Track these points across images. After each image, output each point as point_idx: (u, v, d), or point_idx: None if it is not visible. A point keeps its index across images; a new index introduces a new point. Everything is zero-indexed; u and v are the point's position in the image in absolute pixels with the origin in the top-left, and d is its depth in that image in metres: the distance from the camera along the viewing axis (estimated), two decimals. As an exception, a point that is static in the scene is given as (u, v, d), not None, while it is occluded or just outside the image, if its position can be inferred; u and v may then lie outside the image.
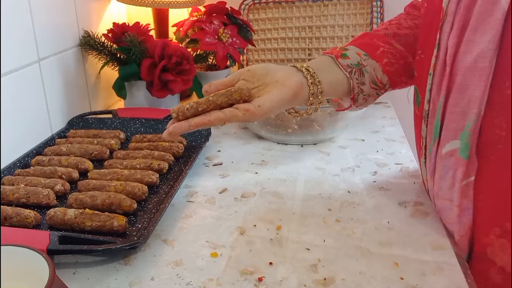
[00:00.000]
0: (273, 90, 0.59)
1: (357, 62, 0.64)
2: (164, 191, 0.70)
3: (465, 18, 0.51)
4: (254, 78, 0.61)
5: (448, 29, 0.54)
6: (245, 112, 0.57)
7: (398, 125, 0.98)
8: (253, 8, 1.21)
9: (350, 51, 0.65)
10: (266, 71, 0.61)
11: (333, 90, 0.64)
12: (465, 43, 0.51)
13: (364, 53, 0.65)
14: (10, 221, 0.60)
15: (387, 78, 0.66)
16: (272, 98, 0.58)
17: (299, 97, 0.61)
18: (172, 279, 0.53)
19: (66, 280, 0.49)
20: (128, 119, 0.92)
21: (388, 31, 0.68)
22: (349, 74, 0.64)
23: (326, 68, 0.64)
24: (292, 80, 0.60)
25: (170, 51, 0.93)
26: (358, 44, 0.67)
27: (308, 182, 0.75)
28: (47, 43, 0.86)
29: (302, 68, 0.62)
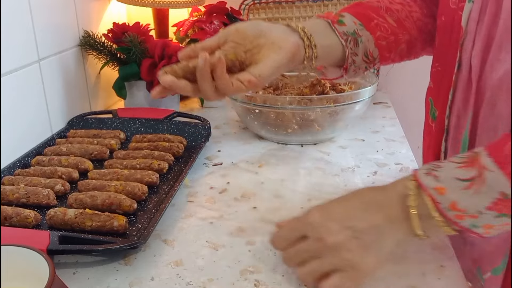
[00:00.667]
0: (270, 54, 0.54)
1: (353, 31, 0.62)
2: (164, 191, 0.70)
3: (488, 37, 0.51)
4: (246, 40, 0.55)
5: (469, 48, 0.53)
6: (248, 84, 0.53)
7: (398, 125, 0.98)
8: (253, 8, 1.21)
9: (346, 18, 0.62)
10: (259, 32, 0.56)
11: (326, 56, 0.61)
12: (490, 61, 0.51)
13: (360, 23, 0.62)
14: (10, 221, 0.60)
15: (378, 52, 0.63)
16: (271, 64, 0.54)
17: (296, 59, 0.57)
18: (172, 279, 0.53)
19: (66, 280, 0.49)
20: (128, 119, 0.92)
21: (380, 4, 0.65)
22: (345, 42, 0.61)
23: (322, 32, 0.60)
24: (288, 42, 0.56)
25: (170, 51, 0.93)
26: (354, 13, 0.64)
27: (308, 182, 0.75)
28: (47, 43, 0.86)
29: (298, 28, 0.58)
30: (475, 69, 0.53)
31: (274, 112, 0.86)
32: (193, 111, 1.09)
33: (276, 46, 0.55)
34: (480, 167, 0.44)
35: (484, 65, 0.52)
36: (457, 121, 0.58)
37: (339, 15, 0.63)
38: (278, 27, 0.57)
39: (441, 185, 0.45)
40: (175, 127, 0.89)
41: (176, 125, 0.89)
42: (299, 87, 1.00)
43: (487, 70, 0.52)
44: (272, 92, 1.00)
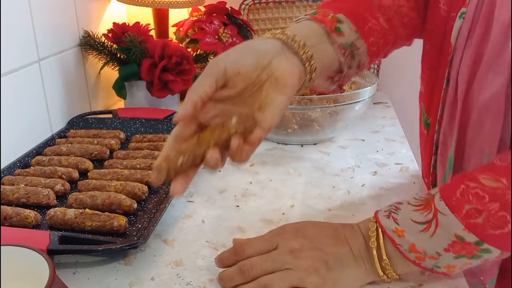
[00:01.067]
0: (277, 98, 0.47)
1: (351, 43, 0.55)
2: (164, 191, 0.70)
3: (476, 56, 0.50)
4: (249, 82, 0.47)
5: (457, 64, 0.52)
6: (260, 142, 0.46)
7: (398, 125, 0.98)
8: (253, 8, 1.21)
9: (344, 25, 0.55)
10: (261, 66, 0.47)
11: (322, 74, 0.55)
12: (478, 81, 0.50)
13: (356, 29, 0.56)
14: (10, 221, 0.60)
15: (369, 60, 0.58)
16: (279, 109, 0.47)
17: None
18: (172, 279, 0.53)
19: (66, 280, 0.49)
20: (128, 119, 0.92)
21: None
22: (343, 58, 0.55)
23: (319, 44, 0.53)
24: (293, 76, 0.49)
25: (170, 51, 0.93)
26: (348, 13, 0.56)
27: (308, 182, 0.75)
28: (47, 43, 0.86)
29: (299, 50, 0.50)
30: (462, 86, 0.51)
31: (274, 112, 0.86)
32: (193, 111, 1.09)
33: (281, 84, 0.47)
34: (435, 210, 0.45)
35: (471, 84, 0.51)
36: (444, 138, 0.57)
37: (336, 19, 0.55)
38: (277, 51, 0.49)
39: (400, 228, 0.47)
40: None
41: (176, 125, 0.89)
42: (299, 87, 1.00)
43: (474, 90, 0.50)
44: (272, 92, 1.00)
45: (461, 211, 0.44)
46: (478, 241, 0.43)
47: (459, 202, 0.44)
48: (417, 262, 0.47)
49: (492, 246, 0.43)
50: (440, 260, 0.46)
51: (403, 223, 0.47)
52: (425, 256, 0.46)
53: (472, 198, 0.43)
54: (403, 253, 0.47)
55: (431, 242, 0.45)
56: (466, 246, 0.44)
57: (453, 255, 0.45)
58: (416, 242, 0.46)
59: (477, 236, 0.43)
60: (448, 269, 0.47)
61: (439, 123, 0.57)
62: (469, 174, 0.45)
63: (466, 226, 0.43)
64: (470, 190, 0.44)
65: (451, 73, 0.54)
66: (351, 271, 0.50)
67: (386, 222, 0.48)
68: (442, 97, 0.56)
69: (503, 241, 0.43)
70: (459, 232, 0.44)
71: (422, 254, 0.46)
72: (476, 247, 0.44)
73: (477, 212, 0.43)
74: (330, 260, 0.50)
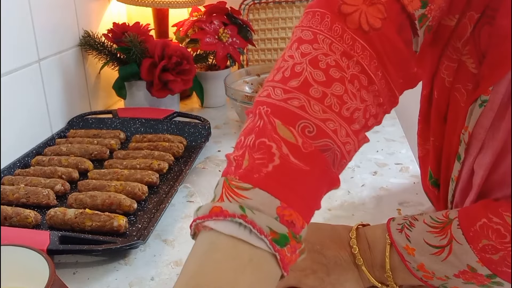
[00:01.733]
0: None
1: None
2: (164, 191, 0.70)
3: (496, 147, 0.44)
4: None
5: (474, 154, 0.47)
6: None
7: (398, 125, 0.98)
8: (253, 8, 1.21)
9: None
10: None
11: None
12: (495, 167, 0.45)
13: None
14: (10, 221, 0.60)
15: None
16: None
17: None
18: (172, 279, 0.53)
19: (66, 280, 0.49)
20: (128, 119, 0.92)
21: None
22: None
23: None
24: None
25: (170, 51, 0.93)
26: None
27: (308, 182, 0.74)
28: (47, 43, 0.86)
29: None
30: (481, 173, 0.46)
31: (274, 112, 0.85)
32: (193, 111, 1.09)
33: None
34: (450, 236, 0.44)
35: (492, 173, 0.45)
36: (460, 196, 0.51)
37: None
38: None
39: (411, 246, 0.46)
40: (175, 127, 0.89)
41: (176, 125, 0.89)
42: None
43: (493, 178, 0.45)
44: (272, 92, 1.00)
45: (477, 244, 0.42)
46: (490, 274, 0.42)
47: (477, 235, 0.42)
48: (424, 280, 0.46)
49: (504, 280, 0.42)
50: (449, 282, 0.45)
51: (415, 242, 0.46)
52: (433, 276, 0.45)
53: (492, 235, 0.41)
54: (411, 270, 0.46)
55: (442, 266, 0.44)
56: (477, 276, 0.43)
57: (462, 281, 0.44)
58: (425, 262, 0.45)
59: (491, 270, 0.42)
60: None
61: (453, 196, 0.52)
62: (492, 206, 0.42)
63: (481, 259, 0.42)
64: (491, 225, 0.41)
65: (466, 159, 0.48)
66: (351, 276, 0.49)
67: (398, 237, 0.47)
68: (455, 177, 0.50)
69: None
70: (472, 264, 0.42)
71: (430, 274, 0.45)
72: (488, 279, 0.43)
73: (495, 249, 0.41)
74: (330, 264, 0.49)
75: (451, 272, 0.44)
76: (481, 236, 0.42)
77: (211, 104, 1.11)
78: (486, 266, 0.42)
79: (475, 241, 0.42)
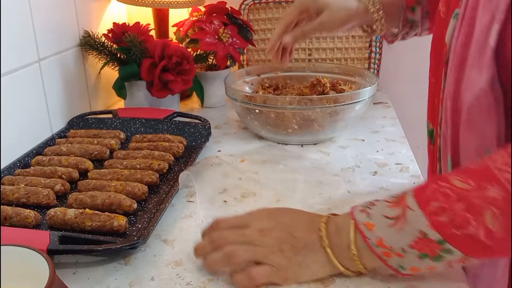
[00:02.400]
0: None
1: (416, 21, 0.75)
2: (164, 191, 0.70)
3: (462, 55, 0.51)
4: None
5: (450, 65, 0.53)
6: None
7: (398, 125, 0.98)
8: (253, 8, 1.21)
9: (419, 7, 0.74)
10: None
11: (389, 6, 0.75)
12: (465, 80, 0.50)
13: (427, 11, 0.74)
14: (10, 221, 0.60)
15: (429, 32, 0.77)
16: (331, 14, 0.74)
17: None
18: (172, 279, 0.53)
19: (66, 280, 0.49)
20: (128, 119, 0.92)
21: None
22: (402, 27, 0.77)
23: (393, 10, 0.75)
24: None
25: (170, 51, 0.93)
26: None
27: (308, 182, 0.75)
28: (47, 43, 0.86)
29: None
30: (450, 87, 0.52)
31: (274, 112, 0.86)
32: (193, 111, 1.09)
33: None
34: (405, 206, 0.46)
35: (459, 83, 0.51)
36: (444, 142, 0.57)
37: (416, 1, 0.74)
38: None
39: (370, 222, 0.48)
40: (175, 127, 0.89)
41: (176, 125, 0.89)
42: (299, 87, 1.00)
43: (462, 89, 0.51)
44: (272, 92, 1.00)
45: (428, 208, 0.45)
46: (441, 239, 0.44)
47: (428, 199, 0.45)
48: (383, 258, 0.48)
49: (453, 247, 0.44)
50: (405, 259, 0.47)
51: (374, 217, 0.48)
52: (391, 251, 0.47)
53: (440, 196, 0.44)
54: (370, 246, 0.48)
55: (398, 237, 0.46)
56: (429, 243, 0.45)
57: (417, 254, 0.46)
58: (383, 236, 0.47)
59: (441, 234, 0.44)
60: (413, 271, 0.48)
61: (440, 126, 0.58)
62: (442, 176, 0.46)
63: (431, 223, 0.44)
64: (440, 189, 0.45)
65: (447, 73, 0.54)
66: (318, 257, 0.51)
67: (359, 215, 0.50)
68: (441, 100, 0.56)
69: (464, 243, 0.44)
70: (424, 229, 0.45)
71: (388, 250, 0.47)
72: (439, 246, 0.44)
73: (443, 210, 0.44)
74: (298, 244, 0.51)
75: (406, 243, 0.46)
76: (431, 199, 0.45)
77: (211, 104, 1.11)
78: (436, 230, 0.44)
79: (426, 205, 0.45)
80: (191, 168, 0.72)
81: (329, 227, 0.52)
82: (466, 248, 0.44)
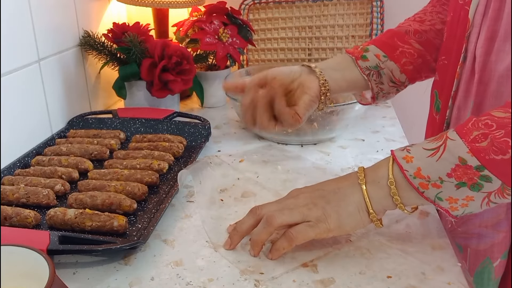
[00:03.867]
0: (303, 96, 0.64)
1: (376, 65, 0.68)
2: (164, 191, 0.70)
3: (493, 29, 0.54)
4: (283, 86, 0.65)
5: (474, 39, 0.56)
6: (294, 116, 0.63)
7: (398, 125, 0.98)
8: (253, 8, 1.21)
9: (370, 53, 0.69)
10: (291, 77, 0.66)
11: (353, 88, 0.70)
12: (495, 52, 0.53)
13: (384, 54, 0.69)
14: (10, 221, 0.60)
15: (406, 76, 0.69)
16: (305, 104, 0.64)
17: None
18: (172, 279, 0.53)
19: (66, 280, 0.49)
20: (128, 119, 0.92)
21: (410, 28, 0.70)
22: (367, 76, 0.68)
23: (346, 68, 0.68)
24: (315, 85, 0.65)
25: (170, 51, 0.93)
26: (379, 44, 0.70)
27: (308, 182, 0.74)
28: (47, 43, 0.86)
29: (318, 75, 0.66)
30: (479, 59, 0.55)
31: (274, 112, 0.86)
32: (193, 111, 1.09)
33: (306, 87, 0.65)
34: (445, 138, 0.49)
35: (488, 56, 0.54)
36: (458, 112, 0.60)
37: (364, 49, 0.69)
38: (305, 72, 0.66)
39: (409, 155, 0.51)
40: (175, 127, 0.89)
41: (176, 125, 0.89)
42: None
43: (492, 61, 0.54)
44: (272, 92, 1.00)
45: (468, 136, 0.47)
46: (479, 165, 0.46)
47: (469, 130, 0.47)
48: (420, 190, 0.49)
49: (491, 172, 0.45)
50: (443, 189, 0.48)
51: (414, 151, 0.51)
52: (428, 182, 0.49)
53: (481, 125, 0.47)
54: (408, 178, 0.49)
55: (436, 166, 0.48)
56: (467, 170, 0.46)
57: (455, 182, 0.47)
58: (422, 166, 0.49)
59: (479, 160, 0.46)
60: (451, 203, 0.49)
61: (453, 99, 0.60)
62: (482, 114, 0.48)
63: (471, 149, 0.46)
64: (481, 120, 0.47)
65: (469, 49, 0.57)
66: (352, 198, 0.53)
67: (399, 152, 0.52)
68: (457, 74, 0.59)
69: (502, 168, 0.45)
70: (463, 155, 0.46)
71: (425, 180, 0.49)
72: (477, 172, 0.46)
73: (483, 136, 0.46)
74: (329, 195, 0.54)
75: (444, 171, 0.48)
76: (472, 130, 0.47)
77: (211, 104, 1.11)
78: (475, 156, 0.46)
79: (467, 135, 0.47)
80: (190, 166, 0.72)
81: (366, 168, 0.54)
82: (504, 174, 0.45)
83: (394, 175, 0.51)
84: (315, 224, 0.53)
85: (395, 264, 0.54)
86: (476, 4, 0.56)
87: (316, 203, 0.54)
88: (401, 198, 0.51)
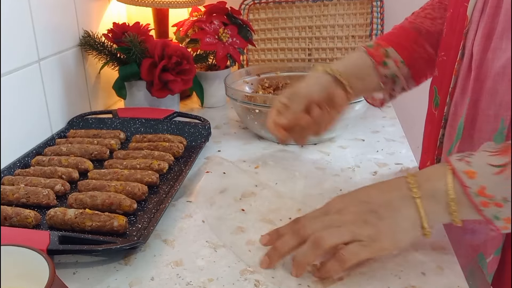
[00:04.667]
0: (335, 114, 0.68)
1: (394, 73, 0.69)
2: (164, 191, 0.70)
3: (490, 26, 0.53)
4: None
5: (472, 36, 0.56)
6: None
7: (398, 125, 0.98)
8: (253, 8, 1.21)
9: (390, 59, 0.69)
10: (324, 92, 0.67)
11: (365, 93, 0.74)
12: (492, 50, 0.53)
13: (401, 60, 0.69)
14: (10, 221, 0.60)
15: (414, 83, 0.72)
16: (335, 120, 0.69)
17: None
18: (172, 279, 0.53)
19: (66, 280, 0.49)
20: (128, 119, 0.92)
21: (421, 26, 0.70)
22: (384, 85, 0.70)
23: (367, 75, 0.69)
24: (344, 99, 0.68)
25: (170, 51, 0.93)
26: (398, 47, 0.70)
27: (308, 182, 0.75)
28: (47, 43, 0.86)
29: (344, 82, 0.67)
30: (476, 56, 0.55)
31: (274, 112, 0.85)
32: (193, 111, 1.09)
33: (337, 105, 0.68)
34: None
35: (485, 53, 0.54)
36: (455, 109, 0.60)
37: (385, 54, 0.69)
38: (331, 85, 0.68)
39: (472, 170, 0.46)
40: (175, 127, 0.89)
41: (176, 125, 0.89)
42: (299, 87, 1.00)
43: (488, 58, 0.53)
44: (272, 92, 1.00)
45: None
46: None
47: None
48: (480, 208, 0.45)
49: None
50: (503, 209, 0.45)
51: (476, 165, 0.46)
52: (490, 201, 0.45)
53: None
54: (469, 195, 0.46)
55: (503, 186, 0.44)
56: None
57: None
58: (487, 185, 0.45)
59: None
60: (505, 223, 0.46)
61: (451, 95, 0.60)
62: None
63: None
64: None
65: (466, 46, 0.57)
66: (405, 213, 0.49)
67: (458, 164, 0.47)
68: (455, 70, 0.59)
69: None
70: None
71: (488, 199, 0.45)
72: None
73: None
74: (379, 209, 0.49)
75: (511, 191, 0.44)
76: None
77: (211, 104, 1.11)
78: None
79: None
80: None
81: (417, 176, 0.50)
82: None
83: (455, 191, 0.47)
84: (368, 244, 0.48)
85: (395, 264, 0.54)
86: (475, 1, 0.56)
87: (366, 220, 0.49)
88: (459, 214, 0.47)
